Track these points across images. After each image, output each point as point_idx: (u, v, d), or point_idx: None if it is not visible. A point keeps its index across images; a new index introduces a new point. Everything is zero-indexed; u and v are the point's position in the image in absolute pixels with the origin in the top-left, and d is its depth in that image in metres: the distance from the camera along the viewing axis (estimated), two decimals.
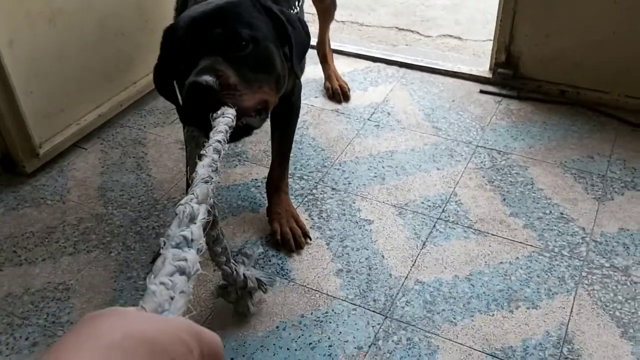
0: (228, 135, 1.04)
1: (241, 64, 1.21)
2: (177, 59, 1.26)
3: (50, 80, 1.94)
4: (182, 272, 0.59)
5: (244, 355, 1.42)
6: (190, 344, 0.45)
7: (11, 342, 1.47)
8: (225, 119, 1.07)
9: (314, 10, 2.28)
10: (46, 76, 1.92)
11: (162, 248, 0.63)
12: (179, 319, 0.50)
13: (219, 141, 0.97)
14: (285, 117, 1.68)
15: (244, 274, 1.40)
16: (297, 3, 1.58)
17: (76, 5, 1.95)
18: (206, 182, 0.82)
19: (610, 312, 1.48)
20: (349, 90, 2.32)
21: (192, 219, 0.69)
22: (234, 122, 1.10)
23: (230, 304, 1.47)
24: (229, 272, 1.35)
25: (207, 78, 1.14)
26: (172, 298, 0.55)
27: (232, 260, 1.36)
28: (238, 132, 1.17)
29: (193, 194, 0.78)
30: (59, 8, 1.90)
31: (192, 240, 0.64)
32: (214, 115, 1.10)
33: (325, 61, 2.35)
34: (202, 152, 0.93)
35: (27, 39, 1.83)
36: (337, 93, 2.29)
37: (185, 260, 0.60)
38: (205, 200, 0.77)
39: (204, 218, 0.72)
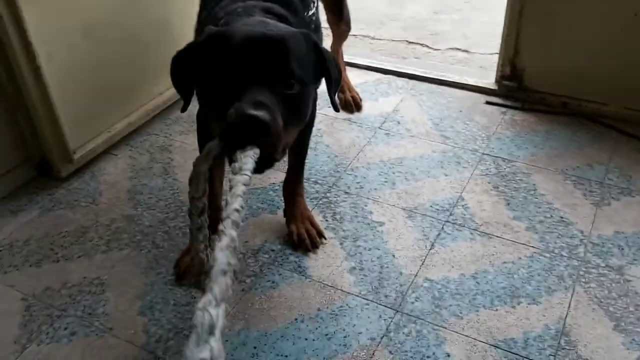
0: (246, 199, 1.00)
1: (285, 103, 1.20)
2: (219, 70, 1.22)
3: (84, 90, 2.09)
4: None
5: (265, 344, 1.54)
6: None
7: (51, 332, 1.60)
8: (243, 177, 1.04)
9: (326, 23, 2.41)
10: (81, 86, 2.07)
11: None
12: None
13: (237, 210, 0.95)
14: (306, 131, 1.76)
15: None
16: (312, 10, 1.65)
17: (108, 20, 2.10)
18: (224, 272, 0.79)
19: (605, 308, 1.59)
20: (361, 100, 2.45)
21: (211, 331, 0.69)
22: (250, 176, 1.06)
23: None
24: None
25: (265, 115, 1.12)
26: None
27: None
28: (261, 167, 1.16)
29: (211, 293, 0.75)
30: (92, 23, 2.05)
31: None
32: (242, 153, 1.09)
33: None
34: (220, 227, 0.90)
35: (64, 51, 1.97)
36: (349, 103, 2.43)
37: None
38: (224, 299, 0.75)
39: (223, 324, 0.71)
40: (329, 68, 1.38)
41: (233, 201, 0.97)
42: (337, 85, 1.45)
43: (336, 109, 1.51)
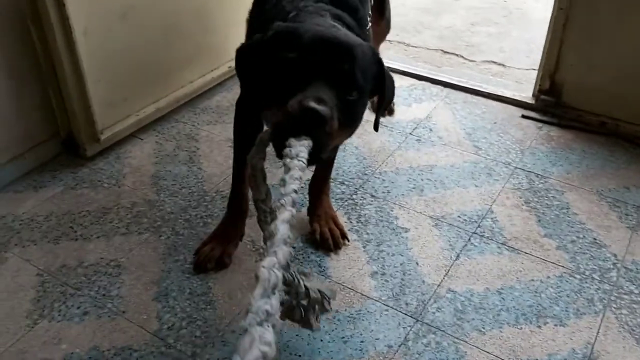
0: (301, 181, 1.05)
1: (342, 108, 1.23)
2: (287, 63, 1.23)
3: (117, 71, 2.07)
4: (264, 357, 0.67)
5: (279, 342, 1.50)
6: None
7: (63, 310, 1.58)
8: (300, 163, 1.07)
9: None
10: (114, 67, 2.06)
11: (247, 319, 0.70)
12: None
13: (295, 191, 0.99)
14: None
15: (305, 285, 1.38)
16: (369, 25, 1.66)
17: (146, 5, 2.09)
18: (286, 243, 0.86)
19: (637, 337, 1.51)
20: (394, 105, 2.40)
21: (274, 289, 0.76)
22: (306, 164, 1.10)
23: (295, 322, 1.42)
24: (291, 279, 1.34)
25: (326, 111, 1.15)
26: None
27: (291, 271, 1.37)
28: (309, 161, 1.16)
29: (276, 257, 0.82)
30: (130, 5, 2.04)
31: (272, 314, 0.72)
32: (294, 140, 1.12)
33: None
34: (281, 201, 0.96)
35: (100, 30, 1.96)
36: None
37: (269, 345, 0.68)
38: (285, 266, 0.83)
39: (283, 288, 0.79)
40: (386, 86, 1.41)
41: (291, 182, 1.01)
42: (388, 104, 1.49)
43: (376, 128, 1.55)
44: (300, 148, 1.10)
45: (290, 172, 1.04)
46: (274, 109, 1.23)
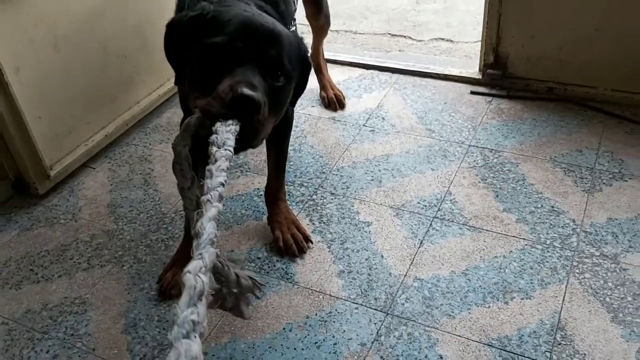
0: (228, 175, 1.02)
1: (271, 93, 1.24)
2: (215, 47, 1.22)
3: (57, 104, 2.03)
4: None
5: (253, 357, 1.49)
6: None
7: (33, 356, 1.55)
8: (227, 152, 1.04)
9: (307, 21, 2.36)
10: (53, 100, 2.01)
11: (173, 332, 0.69)
12: None
13: (223, 184, 0.96)
14: (280, 133, 1.73)
15: (235, 273, 1.34)
16: (293, 27, 1.66)
17: (78, 31, 2.05)
18: (212, 243, 0.83)
19: (601, 299, 1.54)
20: (344, 98, 2.40)
21: (200, 296, 0.74)
22: (233, 152, 1.07)
23: (227, 311, 1.39)
24: (220, 267, 1.28)
25: (260, 97, 1.16)
26: None
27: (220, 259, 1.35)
28: (238, 148, 1.17)
29: (202, 261, 0.80)
30: (62, 34, 1.99)
31: (198, 323, 0.70)
32: (222, 126, 1.10)
33: (319, 71, 2.43)
34: (208, 196, 0.91)
35: (32, 65, 1.92)
36: (332, 101, 2.38)
37: (196, 358, 0.67)
38: (211, 268, 0.81)
39: (211, 291, 0.75)
40: (305, 79, 1.43)
41: (218, 174, 0.97)
42: (301, 93, 1.49)
43: (293, 105, 1.58)
44: (227, 135, 1.07)
45: (217, 163, 1.00)
46: (201, 94, 1.21)
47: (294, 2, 1.74)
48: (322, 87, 2.43)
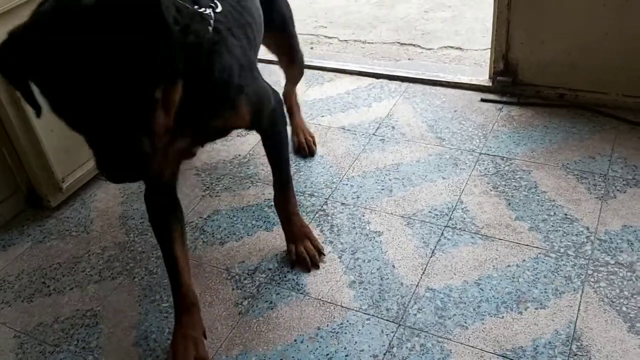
0: None
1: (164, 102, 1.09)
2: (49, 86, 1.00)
3: None
4: None
5: None
6: None
7: None
8: None
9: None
10: None
11: None
12: None
13: None
14: (269, 137, 1.67)
15: None
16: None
17: None
18: None
19: (617, 308, 1.52)
20: (315, 144, 2.24)
21: None
22: None
23: None
24: None
25: (143, 159, 1.04)
26: None
27: None
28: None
29: None
30: None
31: None
32: None
33: (292, 113, 2.24)
34: None
35: None
36: (302, 147, 2.22)
37: None
38: None
39: None
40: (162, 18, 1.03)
41: None
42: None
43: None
44: None
45: None
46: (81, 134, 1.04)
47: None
48: (293, 130, 2.23)
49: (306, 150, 2.22)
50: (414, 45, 3.12)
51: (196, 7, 1.25)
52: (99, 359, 1.56)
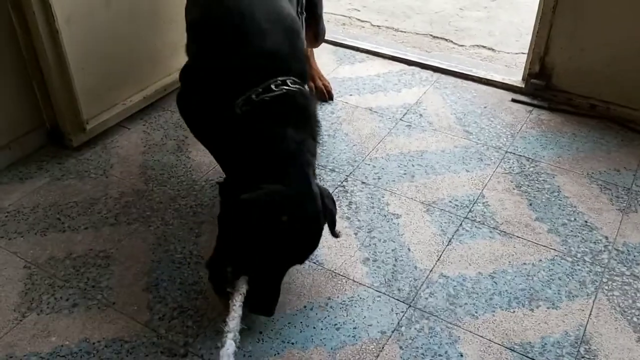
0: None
1: None
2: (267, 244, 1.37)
3: (102, 59, 2.03)
4: None
5: (272, 330, 1.49)
6: None
7: (52, 302, 1.56)
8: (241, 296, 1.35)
9: None
10: (98, 55, 2.02)
11: None
12: None
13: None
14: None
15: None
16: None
17: None
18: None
19: (628, 318, 1.52)
20: (332, 89, 2.34)
21: None
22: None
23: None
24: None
25: None
26: None
27: None
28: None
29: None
30: None
31: None
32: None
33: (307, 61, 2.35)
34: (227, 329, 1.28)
35: (83, 17, 1.92)
36: (321, 92, 2.30)
37: None
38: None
39: None
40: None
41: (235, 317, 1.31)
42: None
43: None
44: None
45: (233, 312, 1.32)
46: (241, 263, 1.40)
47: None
48: (310, 77, 2.29)
49: (326, 95, 2.34)
50: (447, 40, 3.11)
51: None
52: (108, 299, 1.56)
